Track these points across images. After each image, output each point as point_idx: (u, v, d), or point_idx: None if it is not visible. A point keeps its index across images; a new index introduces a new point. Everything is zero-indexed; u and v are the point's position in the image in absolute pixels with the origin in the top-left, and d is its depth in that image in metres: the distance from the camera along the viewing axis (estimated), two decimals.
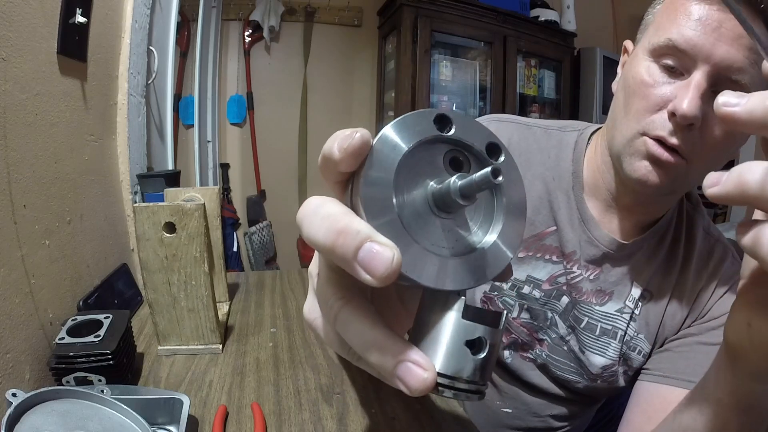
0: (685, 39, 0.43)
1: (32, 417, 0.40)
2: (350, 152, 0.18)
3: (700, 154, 0.46)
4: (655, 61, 0.47)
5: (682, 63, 0.45)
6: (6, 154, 0.55)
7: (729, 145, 0.46)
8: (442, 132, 0.20)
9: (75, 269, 0.71)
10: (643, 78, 0.47)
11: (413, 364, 0.18)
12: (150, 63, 1.08)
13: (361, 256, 0.17)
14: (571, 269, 0.58)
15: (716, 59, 0.42)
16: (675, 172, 0.46)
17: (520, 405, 0.67)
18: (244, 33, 2.49)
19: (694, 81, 0.43)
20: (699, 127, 0.44)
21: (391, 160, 0.19)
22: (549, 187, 0.59)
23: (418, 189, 0.20)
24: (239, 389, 0.59)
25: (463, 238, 0.21)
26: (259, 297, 0.91)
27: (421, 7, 2.24)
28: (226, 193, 2.55)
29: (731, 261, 0.57)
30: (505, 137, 0.61)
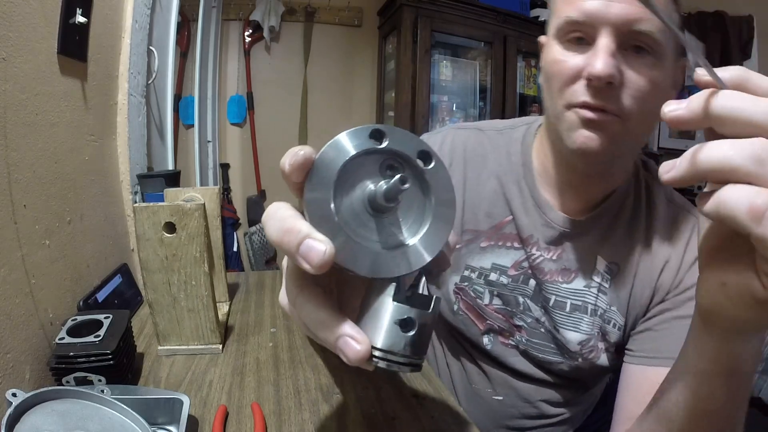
0: (581, 11, 0.47)
1: (32, 417, 0.40)
2: (296, 167, 0.22)
3: (631, 110, 0.47)
4: (562, 40, 0.50)
5: (586, 33, 0.48)
6: (6, 154, 0.55)
7: (656, 95, 0.47)
8: (376, 144, 0.24)
9: (75, 269, 0.71)
10: (555, 58, 0.50)
11: (350, 338, 0.23)
12: (150, 63, 1.08)
13: (301, 250, 0.21)
14: (532, 252, 0.61)
15: (613, 18, 0.45)
16: (611, 130, 0.48)
17: (510, 391, 0.68)
18: (244, 33, 2.49)
19: (600, 44, 0.46)
20: (620, 84, 0.46)
21: (330, 171, 0.23)
22: (502, 180, 0.63)
23: (356, 193, 0.24)
24: (239, 389, 0.59)
25: (394, 235, 0.25)
26: (259, 297, 0.91)
27: (421, 7, 2.24)
28: (226, 193, 2.55)
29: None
30: (461, 143, 0.66)
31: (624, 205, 0.59)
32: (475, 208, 0.64)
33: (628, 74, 0.46)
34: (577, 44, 0.49)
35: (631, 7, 0.44)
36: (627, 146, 0.52)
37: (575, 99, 0.48)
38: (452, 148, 0.66)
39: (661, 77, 0.47)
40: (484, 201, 0.63)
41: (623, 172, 0.58)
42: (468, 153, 0.65)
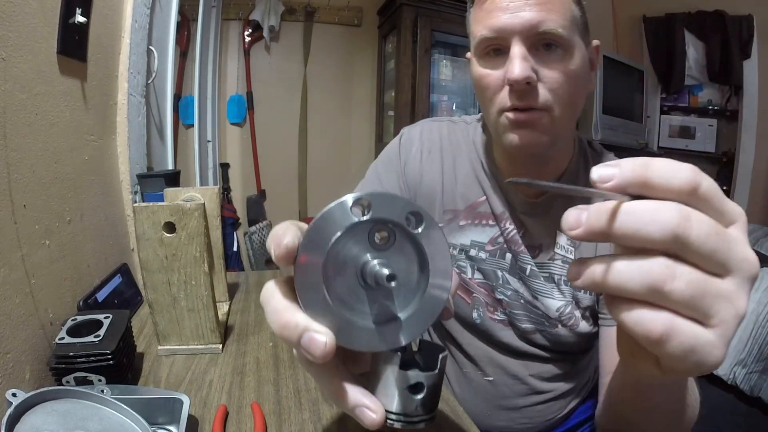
0: (490, 28, 0.52)
1: (32, 417, 0.40)
2: (281, 258, 0.23)
3: (553, 101, 0.53)
4: (482, 57, 0.56)
5: (500, 45, 0.53)
6: (6, 154, 0.55)
7: (574, 82, 0.53)
8: (360, 217, 0.23)
9: (75, 269, 0.71)
10: (479, 73, 0.56)
11: (366, 408, 0.25)
12: (150, 63, 1.08)
13: (302, 343, 0.22)
14: (506, 227, 0.66)
15: (519, 27, 0.50)
16: (540, 124, 0.53)
17: (499, 370, 0.70)
18: (244, 33, 2.49)
19: (513, 52, 0.51)
20: (538, 82, 0.52)
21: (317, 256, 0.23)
22: (474, 165, 0.68)
23: (348, 268, 0.24)
24: (239, 389, 0.59)
25: (388, 308, 0.25)
26: (258, 297, 0.91)
27: (421, 7, 2.24)
28: (226, 192, 2.55)
29: None
30: (437, 132, 0.72)
31: (577, 181, 0.64)
32: (452, 190, 0.69)
33: (543, 71, 0.52)
34: (495, 56, 0.55)
35: (531, 12, 0.50)
36: (560, 132, 0.57)
37: (504, 104, 0.54)
38: (429, 138, 0.72)
39: (573, 65, 0.53)
40: (459, 184, 0.69)
41: (565, 153, 0.64)
42: (443, 141, 0.71)
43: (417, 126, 0.74)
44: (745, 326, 1.33)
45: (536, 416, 0.71)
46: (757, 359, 1.29)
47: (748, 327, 1.32)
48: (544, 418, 0.71)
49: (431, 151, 0.70)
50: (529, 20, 0.50)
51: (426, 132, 0.72)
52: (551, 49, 0.52)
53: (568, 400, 0.72)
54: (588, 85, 0.58)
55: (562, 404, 0.72)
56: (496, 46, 0.54)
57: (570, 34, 0.52)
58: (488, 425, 0.72)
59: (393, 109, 2.43)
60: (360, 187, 0.74)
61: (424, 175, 0.70)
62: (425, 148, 0.70)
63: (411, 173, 0.71)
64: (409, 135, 0.73)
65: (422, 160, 0.70)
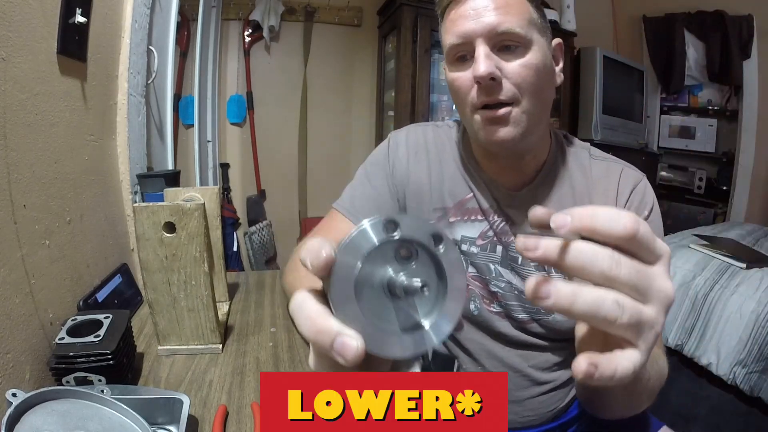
0: (457, 35, 0.58)
1: (32, 417, 0.40)
2: (319, 268, 0.24)
3: (520, 93, 0.57)
4: (453, 64, 0.61)
5: (467, 50, 0.58)
6: (6, 154, 0.55)
7: (536, 75, 0.58)
8: (391, 236, 0.26)
9: (75, 269, 0.71)
10: (451, 78, 0.62)
11: None
12: (150, 63, 1.08)
13: (335, 348, 0.24)
14: (494, 219, 0.69)
15: (481, 30, 0.56)
16: (512, 118, 0.58)
17: (497, 362, 0.71)
18: (244, 33, 2.49)
19: (477, 52, 0.56)
20: (504, 77, 0.57)
21: (351, 269, 0.25)
22: (458, 165, 0.72)
23: (376, 281, 0.26)
24: (239, 389, 0.59)
25: (412, 317, 0.27)
26: (259, 297, 0.91)
27: (421, 7, 2.24)
28: (226, 193, 2.55)
29: (626, 172, 0.68)
30: (422, 136, 0.75)
31: (557, 172, 0.68)
32: (440, 188, 0.72)
33: (506, 67, 0.57)
34: (464, 61, 0.60)
35: (491, 16, 0.55)
36: (531, 123, 0.60)
37: (475, 101, 0.59)
38: (416, 141, 0.75)
39: (534, 59, 0.58)
40: (446, 181, 0.71)
41: (542, 146, 0.68)
42: (429, 144, 0.74)
43: (403, 130, 0.78)
44: (745, 326, 1.32)
45: (539, 408, 0.72)
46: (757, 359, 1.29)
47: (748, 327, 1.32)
48: (547, 409, 0.72)
49: (417, 153, 0.73)
50: (489, 23, 0.56)
51: (412, 135, 0.76)
52: (512, 47, 0.57)
53: (568, 390, 0.73)
54: (553, 78, 0.64)
55: (563, 394, 0.73)
56: (464, 53, 0.59)
57: (528, 32, 0.57)
58: None
59: (393, 109, 2.43)
60: (349, 188, 0.76)
61: (411, 176, 0.72)
62: (412, 150, 0.74)
63: (399, 174, 0.73)
64: (396, 139, 0.76)
65: (409, 161, 0.73)
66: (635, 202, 0.65)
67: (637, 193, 0.66)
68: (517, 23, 0.56)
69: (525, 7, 0.58)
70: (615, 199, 0.66)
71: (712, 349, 1.40)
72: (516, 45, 0.57)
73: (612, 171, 0.68)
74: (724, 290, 1.42)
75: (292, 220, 2.73)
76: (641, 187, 0.66)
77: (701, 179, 2.84)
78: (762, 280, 1.41)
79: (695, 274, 1.52)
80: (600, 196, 0.66)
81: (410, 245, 0.27)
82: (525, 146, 0.64)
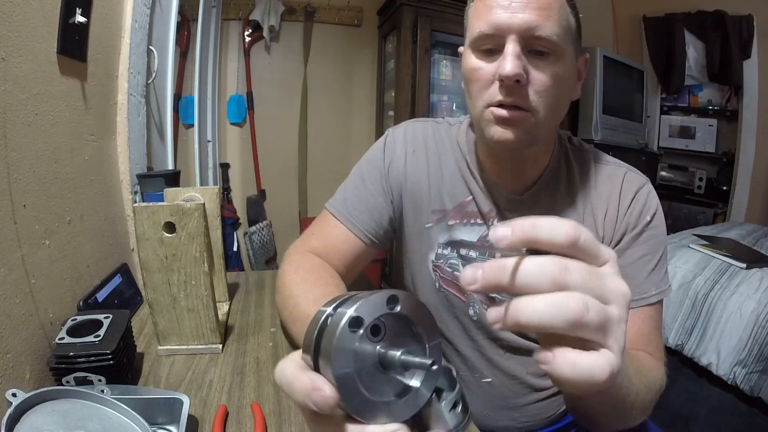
0: (489, 24, 0.54)
1: (32, 417, 0.40)
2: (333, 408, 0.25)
3: (538, 102, 0.55)
4: (477, 51, 0.58)
5: (495, 43, 0.55)
6: (6, 154, 0.55)
7: (559, 88, 0.56)
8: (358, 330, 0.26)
9: (75, 269, 0.71)
10: (472, 66, 0.58)
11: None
12: (150, 63, 1.08)
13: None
14: (493, 224, 0.67)
15: (516, 27, 0.52)
16: (524, 124, 0.56)
17: (497, 371, 0.71)
18: (244, 33, 2.49)
19: (507, 49, 0.53)
20: (527, 82, 0.54)
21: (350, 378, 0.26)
22: (459, 165, 0.70)
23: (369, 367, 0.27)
24: (239, 389, 0.59)
25: (401, 382, 0.29)
26: (259, 297, 0.91)
27: (421, 7, 2.24)
28: (226, 192, 2.55)
29: (629, 177, 0.66)
30: (420, 132, 0.73)
31: (559, 177, 0.67)
32: (439, 189, 0.70)
33: (533, 74, 0.54)
34: (489, 54, 0.56)
35: (530, 15, 0.52)
36: (541, 133, 0.59)
37: (492, 99, 0.56)
38: (414, 137, 0.72)
39: (561, 72, 0.55)
40: (446, 183, 0.70)
41: (545, 153, 0.66)
42: (428, 141, 0.72)
43: (401, 126, 0.75)
44: (745, 326, 1.32)
45: (537, 414, 0.71)
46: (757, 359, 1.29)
47: (748, 327, 1.32)
48: (545, 415, 0.72)
49: (416, 151, 0.71)
50: (527, 22, 0.52)
51: (410, 132, 0.73)
52: (543, 54, 0.54)
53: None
54: (573, 93, 0.61)
55: (561, 400, 0.72)
56: (491, 45, 0.56)
57: (563, 42, 0.54)
58: (489, 425, 0.72)
59: (393, 109, 2.43)
60: (342, 188, 0.74)
61: (409, 175, 0.70)
62: (410, 148, 0.71)
63: (395, 173, 0.71)
64: (394, 135, 0.73)
65: (407, 159, 0.70)
66: (637, 207, 0.64)
67: (639, 198, 0.64)
68: (556, 31, 0.53)
69: (565, 13, 0.55)
70: (617, 203, 0.65)
71: (712, 349, 1.40)
72: (548, 52, 0.54)
73: (615, 175, 0.67)
74: (724, 290, 1.42)
75: (292, 220, 2.73)
76: (644, 192, 0.65)
77: (701, 179, 2.84)
78: (762, 280, 1.41)
79: (695, 274, 1.52)
80: (602, 201, 0.65)
81: (378, 322, 0.28)
82: (528, 153, 0.63)
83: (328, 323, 0.27)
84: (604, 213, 0.65)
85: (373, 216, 0.70)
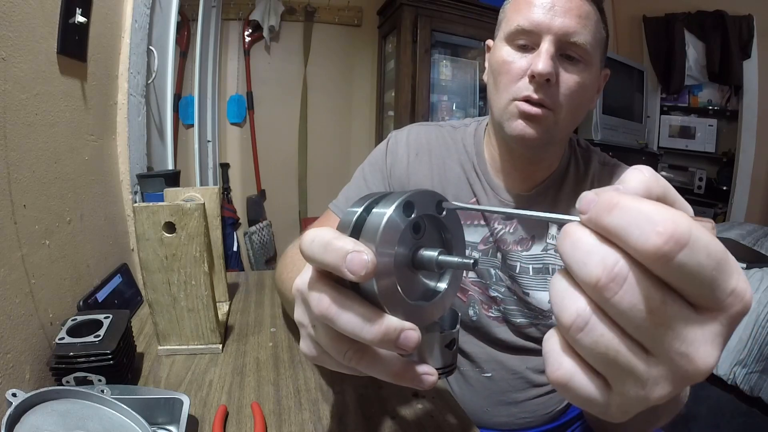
0: (529, 21, 0.56)
1: (32, 417, 0.40)
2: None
3: (562, 104, 0.57)
4: (511, 44, 0.59)
5: (531, 40, 0.57)
6: (6, 154, 0.55)
7: (583, 95, 0.58)
8: (409, 217, 0.26)
9: (75, 269, 0.71)
10: (504, 58, 0.59)
11: (428, 374, 0.28)
12: (150, 63, 1.08)
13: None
14: (495, 227, 0.68)
15: (555, 29, 0.54)
16: (546, 122, 0.57)
17: (497, 366, 0.71)
18: (244, 33, 2.49)
19: (544, 48, 0.55)
20: (555, 83, 0.56)
21: (389, 265, 0.25)
22: (464, 168, 0.71)
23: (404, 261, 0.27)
24: (239, 389, 0.59)
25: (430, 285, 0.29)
26: (259, 297, 0.91)
27: (421, 7, 2.24)
28: (226, 192, 2.55)
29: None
30: (424, 136, 0.74)
31: (566, 177, 0.68)
32: (442, 191, 0.71)
33: (563, 76, 0.56)
34: (523, 50, 0.58)
35: (570, 20, 0.54)
36: (558, 135, 0.60)
37: (519, 93, 0.57)
38: (417, 141, 0.73)
39: (588, 81, 0.58)
40: (450, 185, 0.70)
41: (557, 156, 0.68)
42: (432, 144, 0.73)
43: (404, 130, 0.76)
44: (745, 326, 1.32)
45: (536, 410, 0.72)
46: (757, 359, 1.29)
47: (748, 327, 1.32)
48: (544, 411, 0.72)
49: (419, 154, 0.72)
50: (567, 26, 0.54)
51: (413, 135, 0.74)
52: (574, 59, 0.57)
53: None
54: (591, 103, 0.63)
55: (561, 397, 0.72)
56: (526, 41, 0.57)
57: (593, 52, 0.57)
58: (488, 421, 0.73)
59: (393, 109, 2.43)
60: (346, 189, 0.75)
61: (412, 177, 0.71)
62: (413, 150, 0.72)
63: (397, 175, 0.71)
64: (396, 138, 0.74)
65: (410, 162, 0.71)
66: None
67: None
68: (590, 40, 0.56)
69: (599, 26, 0.58)
70: None
71: None
72: (579, 59, 0.56)
73: (618, 173, 0.68)
74: None
75: (292, 220, 2.73)
76: None
77: (701, 179, 2.84)
78: (762, 280, 1.41)
79: None
80: None
81: (421, 219, 0.27)
82: (543, 153, 0.64)
83: (376, 206, 0.26)
84: None
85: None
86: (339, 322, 0.25)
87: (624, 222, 0.17)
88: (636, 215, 0.17)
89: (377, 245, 0.24)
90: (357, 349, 0.27)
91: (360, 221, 0.26)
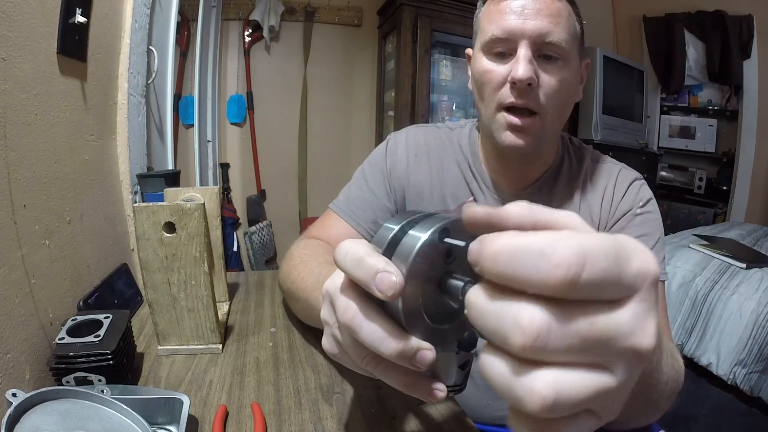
0: (502, 29, 0.57)
1: (32, 417, 0.40)
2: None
3: (547, 105, 0.58)
4: (488, 54, 0.60)
5: (507, 47, 0.58)
6: (6, 154, 0.55)
7: (566, 91, 0.59)
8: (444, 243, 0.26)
9: (75, 269, 0.71)
10: (484, 68, 0.60)
11: (439, 390, 0.29)
12: (150, 63, 1.08)
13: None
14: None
15: (529, 33, 0.55)
16: (533, 129, 0.59)
17: None
18: (244, 33, 2.49)
19: (521, 54, 0.56)
20: (537, 85, 0.57)
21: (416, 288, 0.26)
22: (461, 167, 0.72)
23: (431, 285, 0.27)
24: (239, 389, 0.59)
25: (452, 308, 0.29)
26: (259, 297, 0.91)
27: (421, 7, 2.24)
28: (226, 192, 2.55)
29: (623, 172, 0.69)
30: (422, 137, 0.75)
31: (560, 174, 0.70)
32: (441, 191, 0.72)
33: (543, 77, 0.57)
34: (501, 57, 0.59)
35: (542, 21, 0.55)
36: (548, 135, 0.62)
37: (504, 101, 0.58)
38: (416, 142, 0.74)
39: (568, 77, 0.59)
40: (448, 185, 0.72)
41: (550, 154, 0.69)
42: (430, 145, 0.74)
43: (403, 132, 0.77)
44: (745, 326, 1.32)
45: None
46: (757, 359, 1.29)
47: (748, 327, 1.32)
48: None
49: (418, 155, 0.73)
50: (540, 28, 0.55)
51: (412, 137, 0.75)
52: (552, 58, 0.57)
53: None
54: (576, 96, 0.64)
55: None
56: (502, 49, 0.58)
57: (570, 47, 0.57)
58: (489, 415, 0.73)
59: (393, 109, 2.43)
60: (346, 189, 0.76)
61: (411, 178, 0.72)
62: (412, 151, 0.73)
63: (397, 176, 0.73)
64: (396, 140, 0.76)
65: (409, 163, 0.73)
66: (630, 195, 0.67)
67: (633, 188, 0.68)
68: (565, 37, 0.56)
69: (572, 20, 0.58)
70: (612, 193, 0.68)
71: (712, 349, 1.40)
72: (557, 57, 0.57)
73: (611, 171, 0.70)
74: (724, 290, 1.42)
75: (292, 220, 2.73)
76: (637, 184, 0.68)
77: (701, 179, 2.84)
78: (762, 280, 1.41)
79: (695, 274, 1.52)
80: (597, 193, 0.69)
81: (454, 247, 0.27)
82: (536, 154, 0.66)
83: (412, 228, 0.26)
84: (600, 203, 0.68)
85: (376, 214, 0.73)
86: (360, 334, 0.26)
87: (517, 266, 0.17)
88: (525, 254, 0.17)
89: (408, 268, 0.25)
90: (374, 357, 0.28)
91: (395, 240, 0.26)
